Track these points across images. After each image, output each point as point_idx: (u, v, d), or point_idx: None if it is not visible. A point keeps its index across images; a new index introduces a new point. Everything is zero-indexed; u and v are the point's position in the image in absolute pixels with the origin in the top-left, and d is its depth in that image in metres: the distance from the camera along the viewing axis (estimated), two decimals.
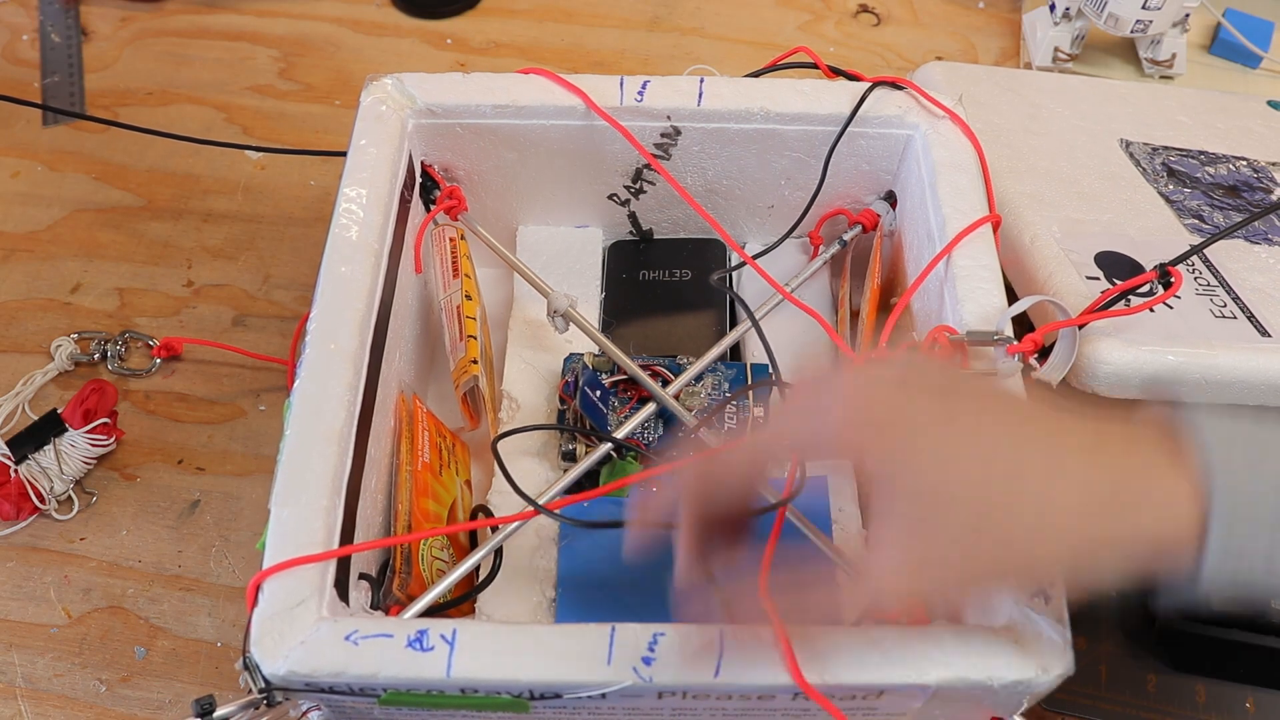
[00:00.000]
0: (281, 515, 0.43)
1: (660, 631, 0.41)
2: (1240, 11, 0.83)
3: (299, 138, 0.76)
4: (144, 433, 0.62)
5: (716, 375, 0.55)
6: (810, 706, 0.43)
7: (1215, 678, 0.54)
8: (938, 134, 0.55)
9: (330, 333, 0.47)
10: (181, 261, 0.70)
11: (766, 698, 0.42)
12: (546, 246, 0.62)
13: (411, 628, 0.41)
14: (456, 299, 0.55)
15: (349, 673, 0.40)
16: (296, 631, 0.41)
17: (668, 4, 0.85)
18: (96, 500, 0.60)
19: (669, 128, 0.56)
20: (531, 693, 0.41)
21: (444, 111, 0.55)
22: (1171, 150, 0.65)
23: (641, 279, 0.62)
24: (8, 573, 0.58)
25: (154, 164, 0.75)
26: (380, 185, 0.52)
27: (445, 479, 0.53)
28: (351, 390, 0.46)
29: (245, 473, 0.61)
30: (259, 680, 0.41)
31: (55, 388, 0.64)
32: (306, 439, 0.45)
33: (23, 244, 0.71)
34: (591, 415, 0.53)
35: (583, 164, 0.58)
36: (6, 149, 0.76)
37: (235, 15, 0.84)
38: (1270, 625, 0.52)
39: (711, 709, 0.43)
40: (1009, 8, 0.85)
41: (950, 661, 0.40)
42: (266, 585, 0.42)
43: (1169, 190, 0.61)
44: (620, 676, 0.40)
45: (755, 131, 0.56)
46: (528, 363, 0.58)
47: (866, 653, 0.41)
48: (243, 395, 0.64)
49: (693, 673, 0.40)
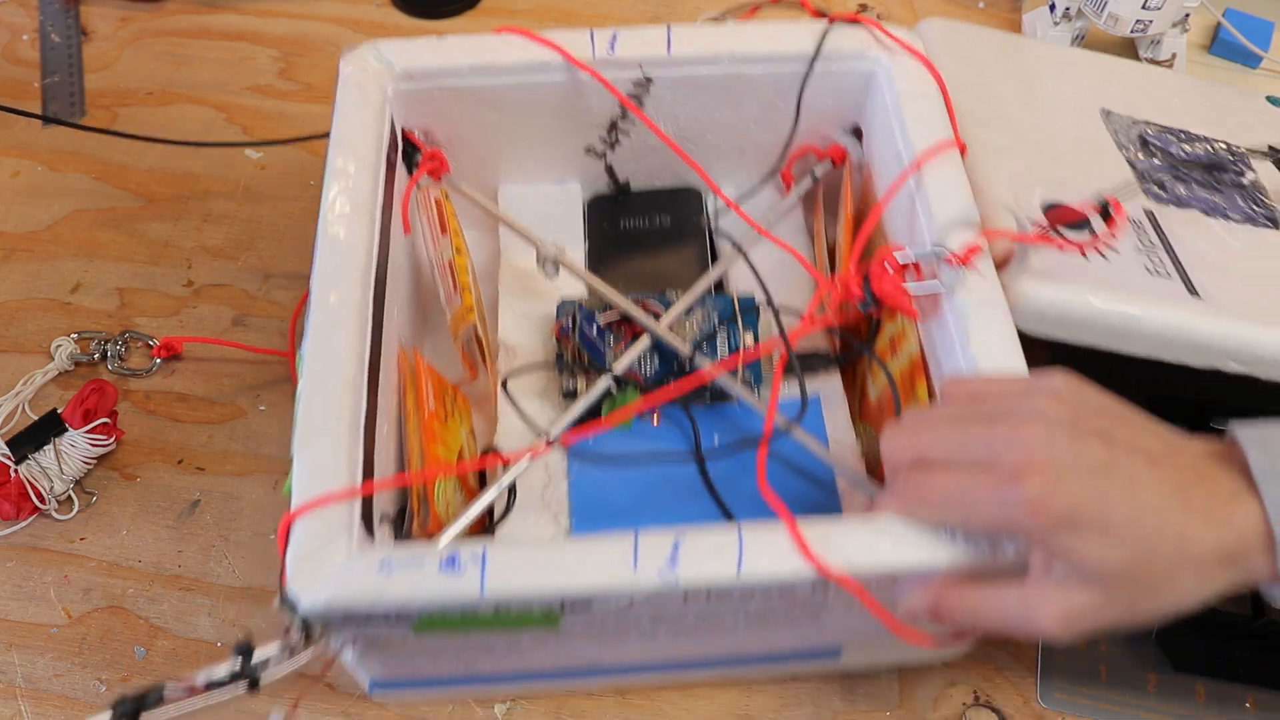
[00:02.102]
0: (304, 458, 0.44)
1: (681, 535, 0.43)
2: (1240, 11, 0.83)
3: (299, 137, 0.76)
4: (144, 433, 0.63)
5: (705, 307, 0.57)
6: (827, 600, 0.45)
7: (1215, 678, 0.54)
8: (899, 67, 0.57)
9: (334, 286, 0.49)
10: (181, 261, 0.70)
11: (787, 592, 0.44)
12: (528, 204, 0.64)
13: (442, 552, 0.42)
14: (447, 254, 0.57)
15: (384, 599, 0.41)
16: (330, 565, 0.42)
17: (667, 3, 0.86)
18: (96, 500, 0.60)
19: (641, 77, 0.58)
20: (563, 604, 0.43)
21: (422, 75, 0.57)
22: (1152, 125, 0.64)
23: (622, 228, 0.64)
24: (8, 573, 0.58)
25: (154, 164, 0.75)
26: (366, 150, 0.53)
27: (451, 427, 0.54)
28: (359, 338, 0.48)
29: (245, 472, 0.61)
30: (297, 616, 0.42)
31: (55, 388, 0.65)
32: (322, 386, 0.46)
33: (23, 244, 0.71)
34: (590, 351, 0.55)
35: (559, 119, 0.60)
36: (6, 149, 0.76)
37: (235, 15, 0.84)
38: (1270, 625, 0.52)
39: (734, 611, 0.45)
40: (1009, 8, 0.86)
41: (957, 545, 0.42)
42: (297, 525, 0.43)
43: (1138, 159, 0.61)
44: (646, 580, 0.42)
45: (723, 75, 0.58)
46: (520, 313, 0.60)
47: (877, 541, 0.43)
48: (243, 395, 0.64)
49: (715, 570, 0.42)
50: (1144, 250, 0.55)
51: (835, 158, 0.62)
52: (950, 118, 0.55)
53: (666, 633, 0.47)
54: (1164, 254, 0.55)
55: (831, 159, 0.62)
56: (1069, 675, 0.54)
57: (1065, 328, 0.50)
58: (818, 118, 0.61)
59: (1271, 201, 0.61)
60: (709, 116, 0.61)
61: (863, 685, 0.53)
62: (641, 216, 0.64)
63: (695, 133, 0.62)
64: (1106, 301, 0.51)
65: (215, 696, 0.44)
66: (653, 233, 0.63)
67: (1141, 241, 0.55)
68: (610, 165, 0.64)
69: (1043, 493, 0.39)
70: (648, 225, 0.64)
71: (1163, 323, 0.51)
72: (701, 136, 0.62)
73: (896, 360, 0.54)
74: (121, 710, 0.43)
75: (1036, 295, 0.50)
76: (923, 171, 0.53)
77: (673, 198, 0.65)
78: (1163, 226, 0.57)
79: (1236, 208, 0.60)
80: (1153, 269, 0.54)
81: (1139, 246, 0.55)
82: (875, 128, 0.59)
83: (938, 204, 0.52)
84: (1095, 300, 0.50)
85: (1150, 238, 0.56)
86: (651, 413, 0.56)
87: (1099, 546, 0.39)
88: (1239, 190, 0.61)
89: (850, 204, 0.60)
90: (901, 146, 0.55)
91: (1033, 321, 0.50)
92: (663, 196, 0.65)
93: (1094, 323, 0.50)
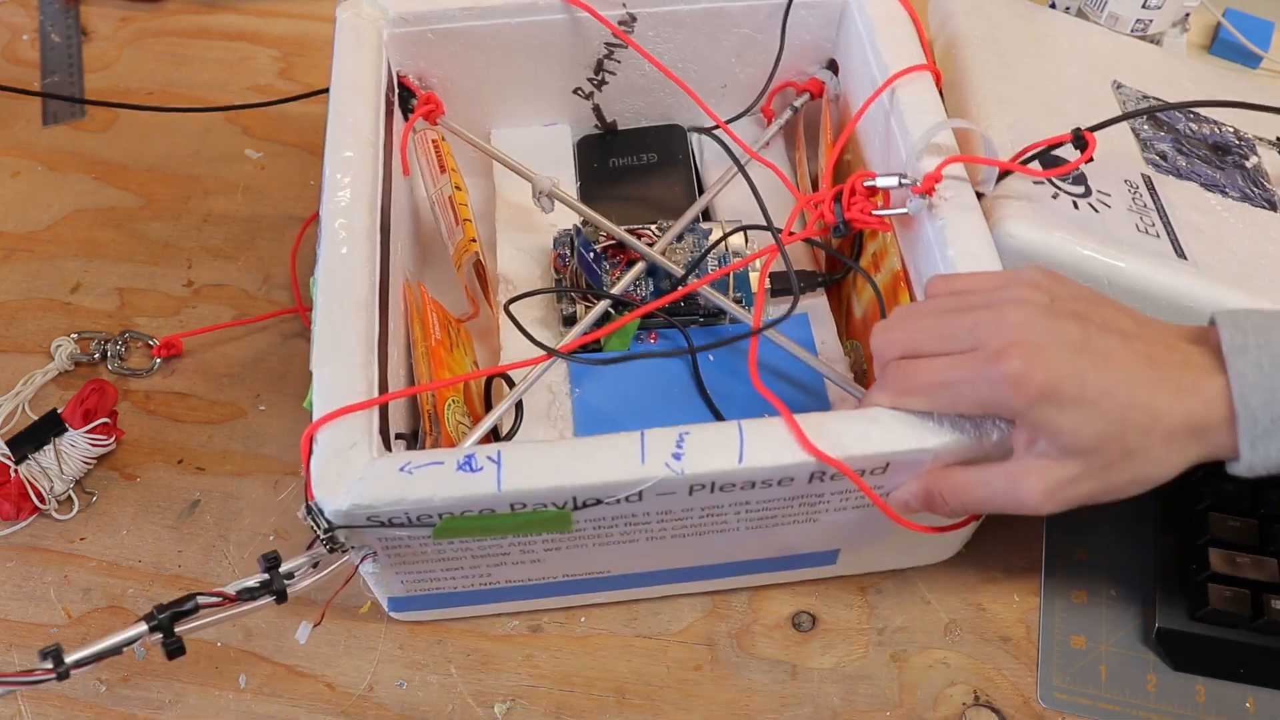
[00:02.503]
0: (324, 374, 0.46)
1: (686, 430, 0.45)
2: (1240, 11, 0.83)
3: (299, 138, 0.77)
4: (144, 432, 0.63)
5: (695, 234, 0.60)
6: (824, 491, 0.48)
7: (1215, 678, 0.54)
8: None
9: (342, 215, 0.51)
10: (181, 261, 0.70)
11: (786, 482, 0.46)
12: (519, 146, 0.66)
13: (459, 454, 0.44)
14: (447, 190, 0.59)
15: (407, 499, 0.43)
16: (353, 470, 0.44)
17: None
18: (96, 500, 0.60)
19: (625, 15, 0.60)
20: (575, 500, 0.45)
21: (415, 19, 0.59)
22: (1162, 100, 0.64)
23: (611, 166, 0.66)
24: (8, 573, 0.58)
25: (154, 164, 0.75)
26: (366, 92, 0.55)
27: (457, 357, 0.57)
28: (369, 263, 0.50)
29: (245, 473, 0.61)
30: (322, 522, 0.44)
31: (55, 388, 0.65)
32: (336, 307, 0.48)
33: (23, 244, 0.71)
34: (589, 274, 0.57)
35: (548, 59, 0.62)
36: (6, 149, 0.76)
37: (235, 15, 0.85)
38: (1270, 625, 0.52)
39: (736, 504, 0.47)
40: None
41: (945, 429, 0.45)
42: (319, 435, 0.45)
43: (1142, 128, 0.61)
44: (653, 472, 0.44)
45: (704, 11, 0.61)
46: (518, 247, 0.62)
47: (870, 429, 0.45)
48: (243, 395, 0.64)
49: (718, 460, 0.44)
50: (1136, 211, 0.55)
51: (813, 91, 0.64)
52: (924, 46, 0.58)
53: (673, 534, 0.49)
54: (1156, 216, 0.56)
55: (810, 92, 0.64)
56: (1069, 675, 0.55)
57: None
58: (795, 52, 0.63)
59: (1272, 186, 0.62)
60: (693, 53, 0.63)
61: (862, 685, 0.54)
62: (629, 154, 0.67)
63: (679, 70, 0.64)
64: (1092, 249, 0.52)
65: (246, 606, 0.46)
66: (641, 169, 0.66)
67: (1135, 202, 0.56)
68: (597, 105, 0.66)
69: (1023, 369, 0.42)
70: (636, 162, 0.66)
71: (1146, 278, 0.52)
72: (685, 74, 0.64)
73: (880, 275, 0.57)
74: (157, 620, 0.45)
75: (1023, 235, 0.51)
76: (897, 93, 0.55)
77: (659, 135, 0.67)
78: (1158, 192, 0.58)
79: (1235, 186, 0.61)
80: (1143, 228, 0.54)
81: (1132, 207, 0.56)
82: (850, 57, 0.61)
83: (913, 124, 0.54)
84: (1081, 248, 0.52)
85: (1145, 200, 0.56)
86: (648, 333, 0.58)
87: (1076, 418, 0.42)
88: (1240, 171, 0.62)
89: (830, 135, 0.62)
90: (876, 71, 0.57)
91: (1017, 261, 0.51)
92: (649, 134, 0.67)
93: (1078, 270, 0.51)
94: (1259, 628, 0.53)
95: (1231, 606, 0.53)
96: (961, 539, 0.56)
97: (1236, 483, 0.53)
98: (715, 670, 0.55)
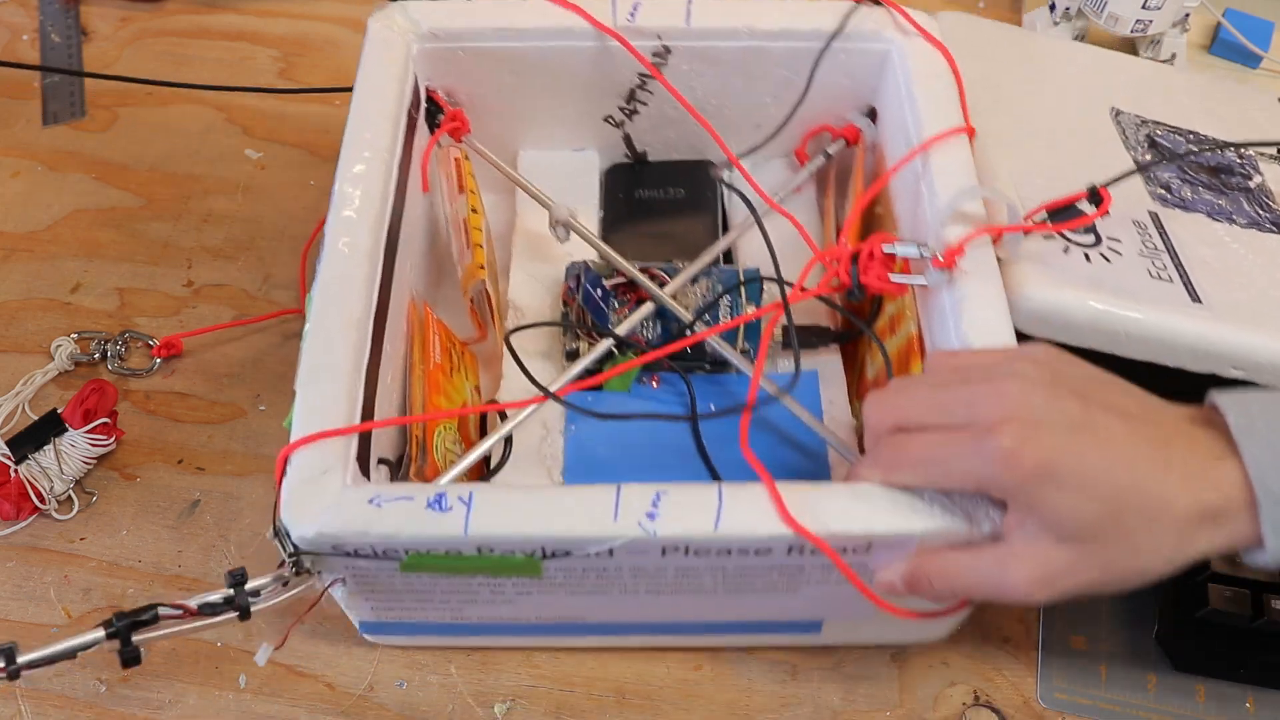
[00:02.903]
0: (307, 394, 0.46)
1: (663, 489, 0.43)
2: (1240, 11, 0.83)
3: (299, 138, 0.77)
4: (144, 432, 0.63)
5: (711, 278, 0.58)
6: (804, 564, 0.46)
7: (1215, 678, 0.54)
8: (914, 48, 0.58)
9: (346, 232, 0.50)
10: (181, 261, 0.70)
11: (764, 552, 0.44)
12: (546, 170, 0.65)
13: (430, 491, 0.44)
14: (463, 212, 0.58)
15: (373, 533, 0.43)
16: (323, 497, 0.43)
17: None
18: (96, 500, 0.60)
19: (660, 47, 0.59)
20: (544, 550, 0.44)
21: (447, 35, 0.58)
22: (1161, 125, 0.64)
23: (637, 198, 0.65)
24: (8, 573, 0.58)
25: (154, 164, 0.75)
26: (387, 106, 0.55)
27: (456, 381, 0.56)
28: (368, 283, 0.49)
29: (245, 473, 0.61)
30: (288, 546, 0.44)
31: (55, 388, 0.64)
32: (327, 326, 0.47)
33: (23, 244, 0.71)
34: (594, 312, 0.56)
35: (579, 86, 0.61)
36: (6, 149, 0.76)
37: (235, 15, 0.85)
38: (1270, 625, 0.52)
39: (712, 569, 0.46)
40: (1009, 7, 0.86)
41: (934, 512, 0.43)
42: (294, 458, 0.45)
43: (1145, 159, 0.61)
44: (626, 531, 0.43)
45: (741, 49, 0.59)
46: (531, 275, 0.61)
47: (854, 506, 0.44)
48: (243, 395, 0.64)
49: (694, 525, 0.43)
50: (1148, 255, 0.54)
51: (849, 137, 0.62)
52: (962, 102, 0.56)
53: (647, 590, 0.48)
54: (1168, 259, 0.55)
55: (845, 138, 0.62)
56: (1069, 675, 0.54)
57: (1066, 330, 0.50)
58: (833, 96, 0.62)
59: (1277, 206, 0.61)
60: (726, 89, 0.62)
61: (862, 685, 0.54)
62: (657, 187, 0.65)
63: (712, 105, 0.62)
64: (1107, 304, 0.50)
65: (207, 620, 0.46)
66: (667, 203, 0.64)
67: (1145, 245, 0.55)
68: (628, 135, 0.65)
69: (1017, 445, 0.39)
70: (662, 195, 0.65)
71: (1163, 328, 0.51)
72: (718, 110, 0.63)
73: (894, 339, 0.55)
74: (115, 627, 0.45)
75: (1037, 296, 0.50)
76: (930, 155, 0.53)
77: (689, 169, 0.66)
78: (1167, 230, 0.57)
79: (1242, 211, 0.60)
80: (1155, 273, 0.53)
81: (1143, 251, 0.55)
82: (888, 109, 0.59)
83: (942, 189, 0.52)
84: (1095, 303, 0.50)
85: (1155, 242, 0.55)
86: (650, 376, 0.57)
87: (1072, 500, 0.40)
88: (1245, 194, 0.61)
89: (861, 184, 0.60)
90: (911, 128, 0.55)
91: (1033, 323, 0.50)
92: (679, 168, 0.66)
93: (1094, 326, 0.50)
94: (1259, 628, 0.53)
95: (1231, 606, 0.52)
96: (955, 622, 0.54)
97: None
98: (715, 670, 0.54)
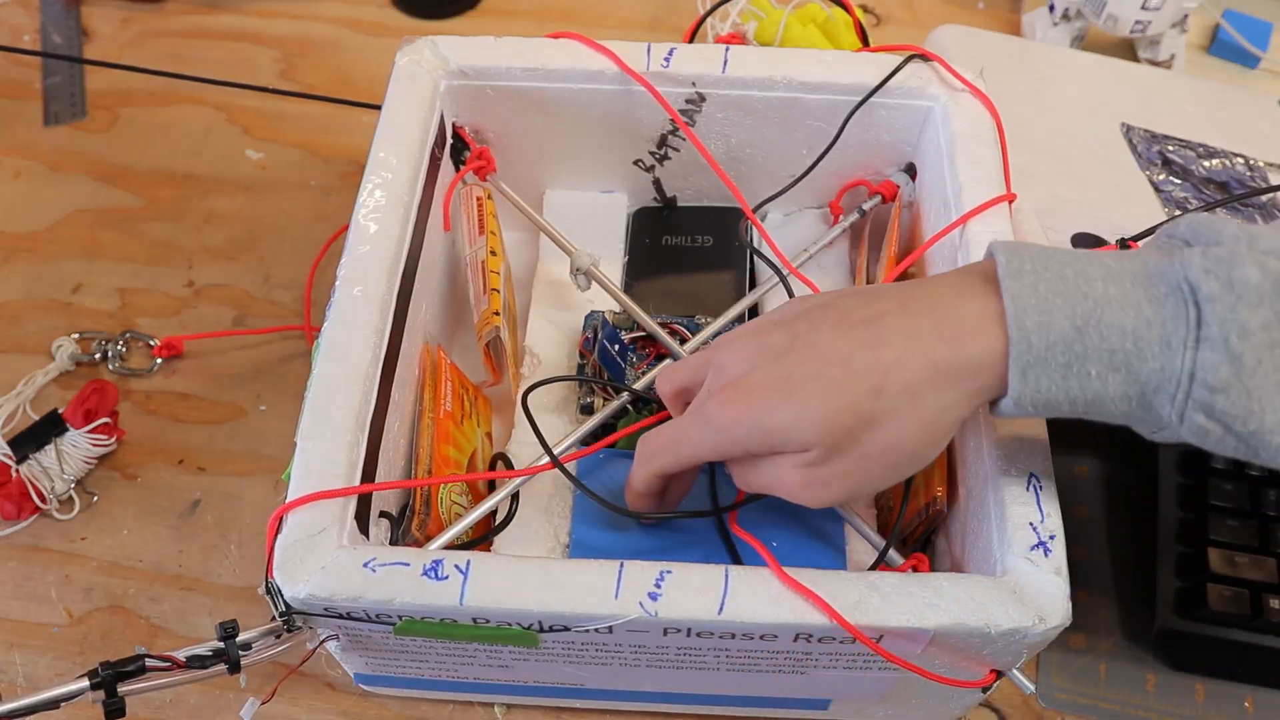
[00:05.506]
0: (307, 448, 0.45)
1: (667, 569, 0.42)
2: (1239, 12, 0.83)
3: (300, 138, 0.76)
4: (145, 433, 0.63)
5: None
6: (812, 650, 0.44)
7: (1215, 678, 0.54)
8: (958, 106, 0.56)
9: (359, 278, 0.49)
10: (182, 262, 0.70)
11: (769, 638, 0.43)
12: (572, 210, 0.63)
13: (427, 558, 0.42)
14: (482, 254, 0.56)
15: (366, 598, 0.41)
16: (317, 558, 0.42)
17: (668, 4, 0.85)
18: (97, 500, 0.60)
19: (694, 94, 0.57)
20: (541, 624, 0.42)
21: (475, 73, 0.57)
22: (1171, 140, 0.65)
23: (664, 244, 0.63)
24: (9, 572, 0.58)
25: (155, 164, 0.75)
26: (411, 142, 0.54)
27: (466, 429, 0.54)
28: (378, 333, 0.48)
29: (246, 473, 0.61)
30: (280, 604, 0.43)
31: (56, 388, 0.64)
32: (332, 377, 0.46)
33: (24, 244, 0.71)
34: (609, 368, 0.54)
35: (609, 129, 0.60)
36: (7, 149, 0.76)
37: (236, 16, 0.84)
38: (1269, 625, 0.52)
39: (716, 650, 0.44)
40: (1009, 8, 0.85)
41: (949, 607, 0.41)
42: (290, 516, 0.43)
43: (1160, 179, 0.61)
44: (626, 610, 0.41)
45: (778, 100, 0.57)
46: (550, 321, 0.60)
47: (867, 596, 0.42)
48: (243, 395, 0.64)
49: (697, 607, 0.41)
50: None
51: (886, 193, 0.60)
52: (1004, 165, 0.54)
53: (648, 664, 0.46)
54: None
55: (882, 195, 0.60)
56: (1069, 675, 0.54)
57: None
58: (872, 151, 0.60)
59: None
60: (762, 139, 0.60)
61: None
62: (684, 234, 0.64)
63: (746, 154, 0.61)
64: None
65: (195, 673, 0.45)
66: (694, 251, 0.63)
67: None
68: (658, 179, 0.63)
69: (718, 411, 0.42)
70: (690, 243, 0.63)
71: None
72: (752, 159, 0.61)
73: None
74: (100, 678, 0.44)
75: None
76: (968, 225, 0.51)
77: (718, 217, 0.64)
78: None
79: None
80: None
81: None
82: (928, 167, 0.57)
83: None
84: None
85: None
86: None
87: (793, 413, 0.41)
88: (1259, 211, 0.61)
89: (895, 243, 0.58)
90: (950, 190, 0.53)
91: None
92: (708, 215, 0.64)
93: None
94: (1258, 628, 0.53)
95: (1231, 606, 0.52)
96: (974, 698, 0.52)
97: (1236, 483, 0.54)
98: None
